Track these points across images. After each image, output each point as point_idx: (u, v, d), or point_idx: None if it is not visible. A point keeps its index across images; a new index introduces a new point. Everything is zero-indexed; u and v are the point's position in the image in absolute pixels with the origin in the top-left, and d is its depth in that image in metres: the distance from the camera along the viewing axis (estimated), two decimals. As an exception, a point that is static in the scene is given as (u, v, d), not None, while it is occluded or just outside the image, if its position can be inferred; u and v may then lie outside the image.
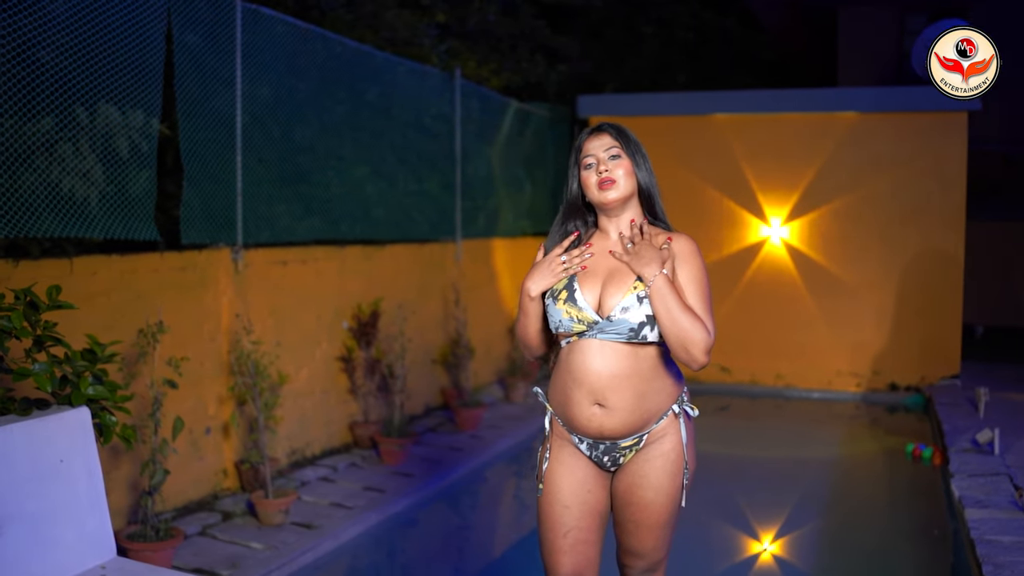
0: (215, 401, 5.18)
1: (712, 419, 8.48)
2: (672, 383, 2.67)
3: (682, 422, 2.67)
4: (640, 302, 2.56)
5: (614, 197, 2.66)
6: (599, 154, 2.69)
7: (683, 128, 9.26)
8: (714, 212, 9.15)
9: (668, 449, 2.65)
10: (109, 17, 4.48)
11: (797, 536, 5.32)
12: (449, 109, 7.91)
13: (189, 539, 4.62)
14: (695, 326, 2.49)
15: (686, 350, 2.50)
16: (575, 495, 2.72)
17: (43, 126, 4.42)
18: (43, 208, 4.16)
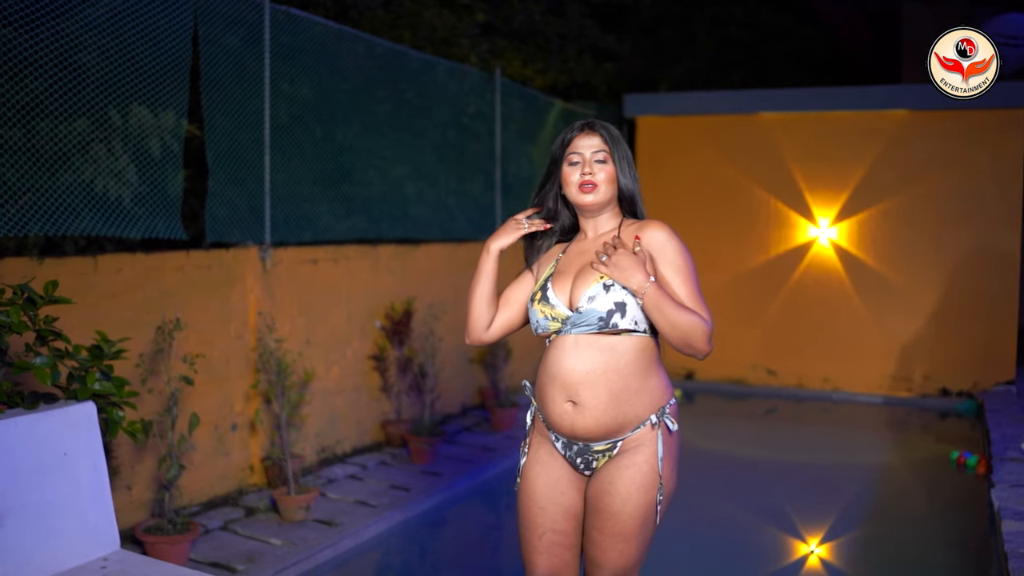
0: (241, 398, 5.24)
1: (758, 422, 8.37)
2: (654, 389, 2.60)
3: (660, 436, 2.58)
4: (606, 290, 2.52)
5: (591, 201, 2.64)
6: (586, 154, 2.65)
7: (730, 127, 9.13)
8: (761, 212, 9.00)
9: (641, 461, 2.57)
10: (138, 20, 4.57)
11: (836, 545, 5.19)
12: (489, 108, 7.90)
13: (210, 533, 4.68)
14: (692, 322, 2.46)
15: (689, 346, 2.49)
16: (549, 496, 2.69)
17: (78, 127, 4.52)
18: (74, 207, 4.26)
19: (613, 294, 2.52)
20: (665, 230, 2.59)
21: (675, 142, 9.39)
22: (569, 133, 2.71)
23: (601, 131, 2.69)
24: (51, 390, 3.45)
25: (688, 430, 7.83)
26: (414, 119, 6.97)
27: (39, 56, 4.13)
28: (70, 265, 4.28)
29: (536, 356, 8.56)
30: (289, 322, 5.54)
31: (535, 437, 2.78)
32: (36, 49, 4.12)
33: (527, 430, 2.83)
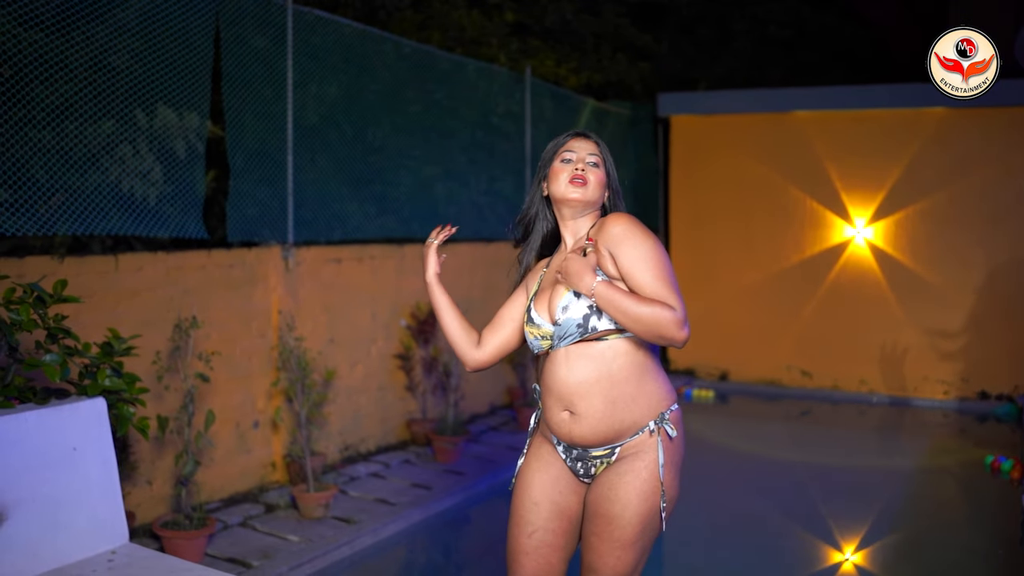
0: (264, 396, 5.30)
1: (792, 425, 8.28)
2: (652, 394, 2.56)
3: (660, 442, 2.55)
4: (578, 296, 2.51)
5: (577, 197, 2.59)
6: (581, 154, 2.63)
7: (765, 126, 9.04)
8: (797, 212, 8.90)
9: (640, 467, 2.54)
10: (163, 22, 4.65)
11: (867, 551, 5.08)
12: (519, 108, 7.90)
13: (229, 529, 4.74)
14: (654, 313, 2.36)
15: (660, 337, 2.40)
16: (545, 493, 2.67)
17: (104, 128, 4.61)
18: (100, 207, 4.34)
19: (584, 299, 2.50)
20: (622, 221, 2.51)
21: (709, 141, 9.32)
22: (563, 137, 2.69)
23: (593, 139, 2.69)
24: (64, 386, 3.52)
25: (721, 431, 7.88)
26: (443, 119, 7.00)
27: (68, 59, 4.22)
28: (91, 264, 4.35)
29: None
30: (312, 321, 5.59)
31: (537, 438, 2.78)
32: (67, 52, 4.21)
33: (530, 432, 2.83)
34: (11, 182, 4.04)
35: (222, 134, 5.11)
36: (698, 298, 9.35)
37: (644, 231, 2.50)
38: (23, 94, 4.05)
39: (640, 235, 2.48)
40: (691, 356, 9.40)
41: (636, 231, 2.49)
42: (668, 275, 2.44)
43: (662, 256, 2.46)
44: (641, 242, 2.46)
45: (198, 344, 4.80)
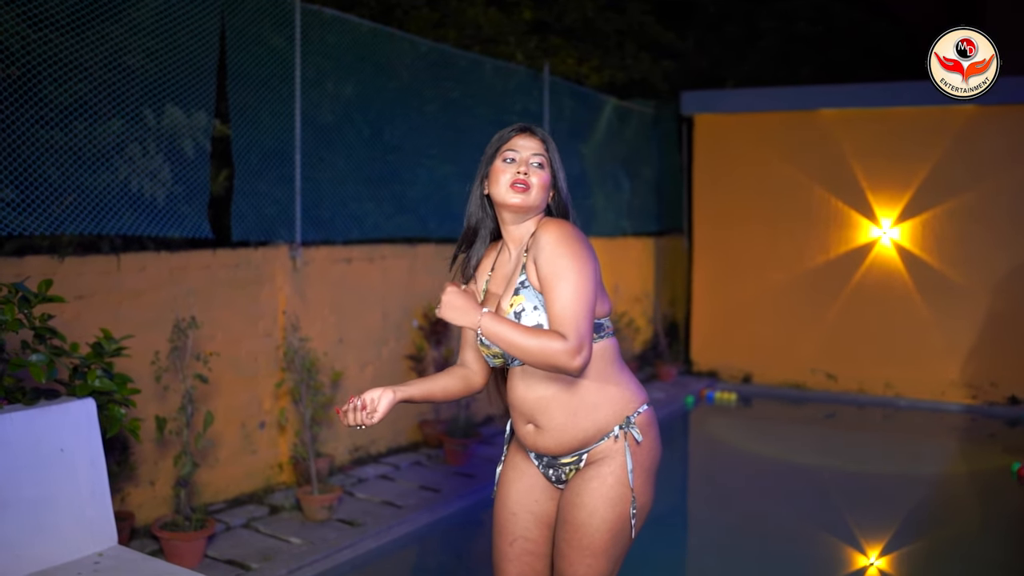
0: (270, 396, 5.27)
1: (816, 428, 8.13)
2: (616, 398, 2.48)
3: (627, 447, 2.47)
4: (517, 318, 2.42)
5: (518, 203, 2.45)
6: (524, 155, 2.48)
7: (790, 124, 8.89)
8: (821, 212, 8.74)
9: (607, 473, 2.46)
10: (169, 19, 4.63)
11: (889, 559, 4.97)
12: (537, 107, 7.83)
13: (232, 530, 4.71)
14: (541, 346, 2.27)
15: (553, 367, 2.31)
16: (521, 503, 2.63)
17: (112, 127, 4.60)
18: (105, 206, 4.33)
19: (525, 319, 2.41)
20: (552, 230, 2.36)
21: (733, 140, 9.19)
22: (507, 133, 2.53)
23: (540, 135, 2.53)
24: (54, 387, 3.50)
25: (743, 435, 7.77)
26: (459, 118, 6.95)
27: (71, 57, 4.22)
28: (93, 264, 4.34)
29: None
30: (320, 321, 5.55)
31: (512, 446, 2.73)
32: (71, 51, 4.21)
33: (505, 440, 2.78)
34: (16, 182, 4.03)
35: (228, 133, 5.08)
36: (721, 299, 9.23)
37: (571, 246, 2.34)
38: (30, 94, 4.03)
39: (565, 250, 2.33)
40: (714, 358, 9.28)
41: (562, 245, 2.33)
42: (578, 297, 2.30)
43: (580, 275, 2.31)
44: (562, 258, 2.32)
45: (202, 344, 4.78)
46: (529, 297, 2.41)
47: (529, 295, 2.41)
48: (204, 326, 4.83)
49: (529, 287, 2.42)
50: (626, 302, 9.14)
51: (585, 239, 2.41)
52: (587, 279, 2.33)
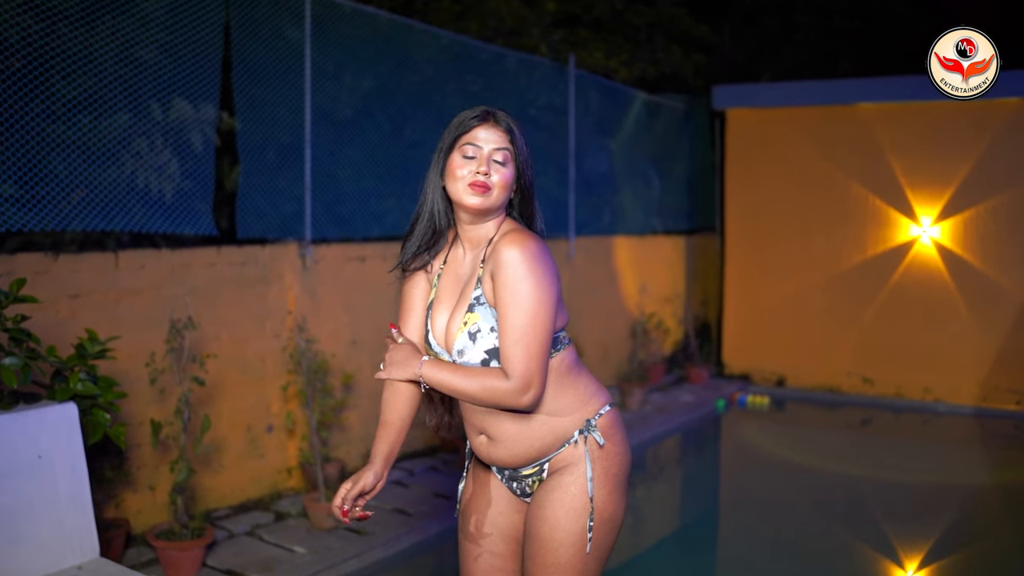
0: (278, 399, 5.09)
1: (852, 434, 7.84)
2: (574, 403, 2.28)
3: (587, 452, 2.27)
4: (473, 339, 2.21)
5: (476, 205, 2.21)
6: (485, 149, 2.21)
7: (825, 119, 8.59)
8: (858, 210, 8.43)
9: (568, 482, 2.26)
10: (172, 11, 4.48)
11: (930, 573, 4.72)
12: (562, 101, 7.60)
13: (235, 538, 4.54)
14: (484, 386, 2.14)
15: (500, 405, 2.17)
16: (485, 517, 2.45)
17: (119, 121, 4.45)
18: (102, 202, 4.19)
19: (481, 342, 2.21)
20: (512, 250, 2.13)
21: (767, 135, 8.90)
22: (468, 120, 2.24)
23: (505, 124, 2.24)
24: (36, 390, 3.34)
25: (776, 440, 7.49)
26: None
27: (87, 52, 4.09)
28: (89, 261, 4.19)
29: (617, 358, 8.23)
30: (332, 321, 5.37)
31: (474, 459, 2.54)
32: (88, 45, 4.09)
33: (467, 452, 2.58)
34: (16, 176, 3.90)
35: (234, 126, 4.91)
36: (754, 300, 8.96)
37: (531, 267, 2.12)
38: (29, 88, 3.89)
39: (523, 273, 2.11)
40: (746, 361, 9.00)
41: (520, 268, 2.12)
42: (533, 329, 2.11)
43: (539, 305, 2.11)
44: (521, 282, 2.11)
45: (206, 345, 4.62)
46: (485, 316, 2.21)
47: (485, 314, 2.21)
48: (208, 326, 4.67)
49: (485, 304, 2.22)
50: (655, 302, 8.89)
51: (547, 256, 2.18)
52: (545, 308, 2.13)
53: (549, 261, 2.18)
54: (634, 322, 8.36)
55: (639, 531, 5.67)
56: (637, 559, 5.05)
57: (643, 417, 7.49)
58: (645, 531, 5.60)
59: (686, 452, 7.45)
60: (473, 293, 2.24)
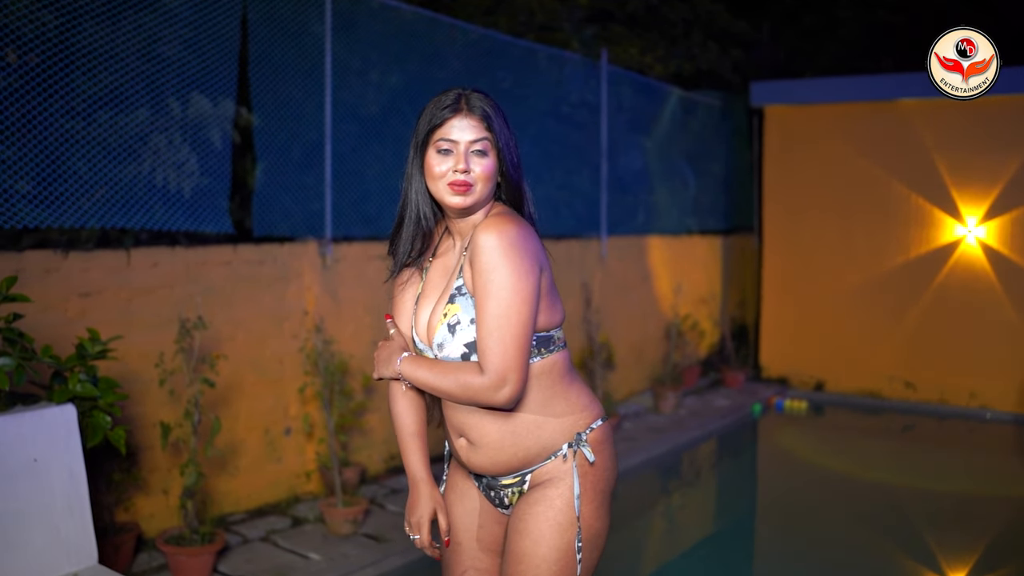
0: (297, 401, 4.98)
1: (893, 441, 7.57)
2: (564, 414, 2.12)
3: (575, 468, 2.11)
4: (452, 331, 2.07)
5: (459, 204, 2.07)
6: (461, 143, 2.05)
7: (867, 116, 8.34)
8: (900, 209, 8.16)
9: (553, 496, 2.11)
10: (194, 5, 4.39)
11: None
12: (595, 97, 7.43)
13: (249, 544, 4.43)
14: (459, 382, 2.02)
15: (476, 403, 2.05)
16: (467, 529, 2.30)
17: (138, 117, 4.37)
18: (115, 199, 4.10)
19: (460, 335, 2.07)
20: (487, 236, 1.98)
21: (806, 133, 8.66)
22: (438, 110, 2.06)
23: (480, 111, 2.06)
24: (35, 391, 3.24)
25: (814, 447, 7.24)
26: (512, 109, 6.59)
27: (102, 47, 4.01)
28: (99, 259, 4.09)
29: (651, 359, 8.05)
30: (354, 322, 5.25)
31: (452, 465, 2.39)
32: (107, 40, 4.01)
33: (446, 458, 2.43)
34: (32, 173, 3.83)
35: (251, 122, 4.80)
36: (793, 301, 8.72)
37: (507, 253, 1.97)
38: (39, 83, 3.81)
39: (497, 260, 1.96)
40: (784, 364, 8.76)
41: (495, 254, 1.97)
42: (508, 321, 1.96)
43: (514, 293, 1.96)
44: (496, 270, 1.96)
45: (221, 345, 4.52)
46: (466, 307, 2.07)
47: (466, 305, 2.07)
48: (223, 326, 4.56)
49: (466, 294, 2.07)
50: (690, 304, 8.68)
51: (529, 242, 2.02)
52: (522, 297, 1.97)
53: (530, 247, 2.02)
54: (668, 324, 8.16)
55: (672, 538, 5.49)
56: (668, 567, 4.89)
57: (677, 421, 7.30)
58: (678, 538, 5.43)
59: (721, 458, 7.25)
60: (455, 283, 2.10)
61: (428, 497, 2.21)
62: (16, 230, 3.99)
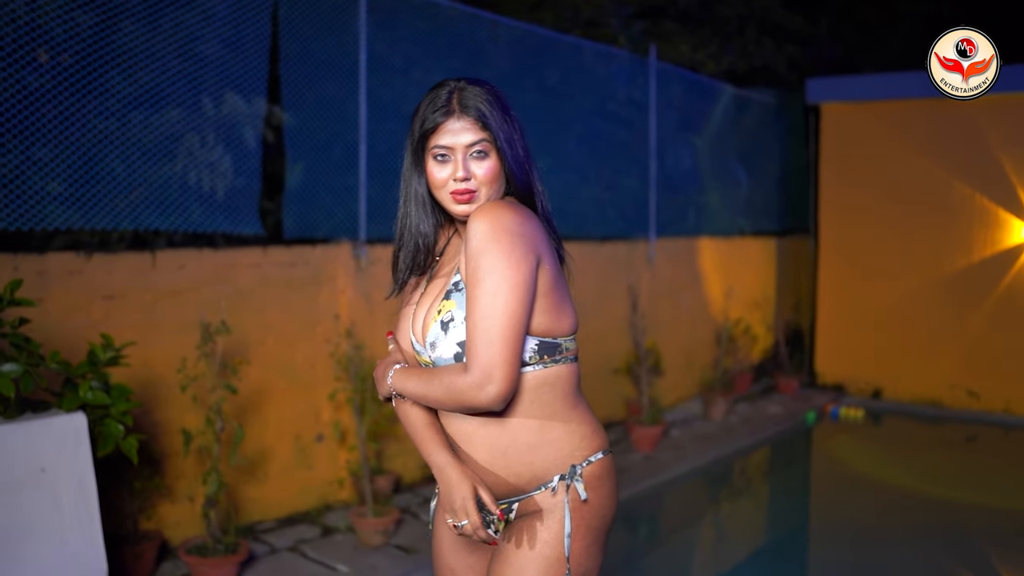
0: (329, 407, 4.85)
1: (955, 453, 7.24)
2: (562, 442, 1.94)
3: (567, 503, 1.92)
4: (445, 329, 1.89)
5: (467, 211, 1.92)
6: (458, 148, 1.89)
7: (928, 113, 8.00)
8: (963, 210, 7.82)
9: (540, 529, 1.92)
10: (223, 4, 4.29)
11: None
12: (643, 95, 7.22)
13: (276, 553, 4.30)
14: (444, 385, 1.85)
15: (467, 409, 1.87)
16: (457, 555, 2.13)
17: (168, 117, 4.28)
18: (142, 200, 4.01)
19: (453, 332, 1.89)
20: (478, 221, 1.82)
21: (865, 131, 8.35)
22: (430, 113, 1.89)
23: (474, 110, 1.88)
24: (47, 398, 3.14)
25: (870, 458, 6.95)
26: (558, 107, 6.43)
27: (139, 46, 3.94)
28: (123, 261, 4.00)
29: (701, 364, 7.82)
30: (388, 326, 5.09)
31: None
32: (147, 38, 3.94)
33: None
34: (66, 175, 3.76)
35: (282, 120, 4.69)
36: (849, 305, 8.42)
37: (496, 238, 1.80)
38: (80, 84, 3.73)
39: (485, 245, 1.79)
40: (840, 370, 8.46)
41: (483, 239, 1.80)
42: (495, 311, 1.78)
43: (498, 279, 1.78)
44: (484, 255, 1.79)
45: (250, 350, 4.40)
46: (460, 303, 1.90)
47: (461, 301, 1.90)
48: (253, 330, 4.46)
49: (463, 290, 1.90)
50: (742, 307, 8.42)
51: (525, 225, 1.84)
52: (511, 286, 1.78)
53: (527, 233, 1.83)
54: (719, 328, 7.91)
55: (718, 552, 5.27)
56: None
57: (727, 429, 7.06)
58: (724, 553, 5.21)
59: (773, 468, 6.99)
60: (452, 279, 1.94)
61: (461, 475, 1.93)
62: (48, 232, 3.91)
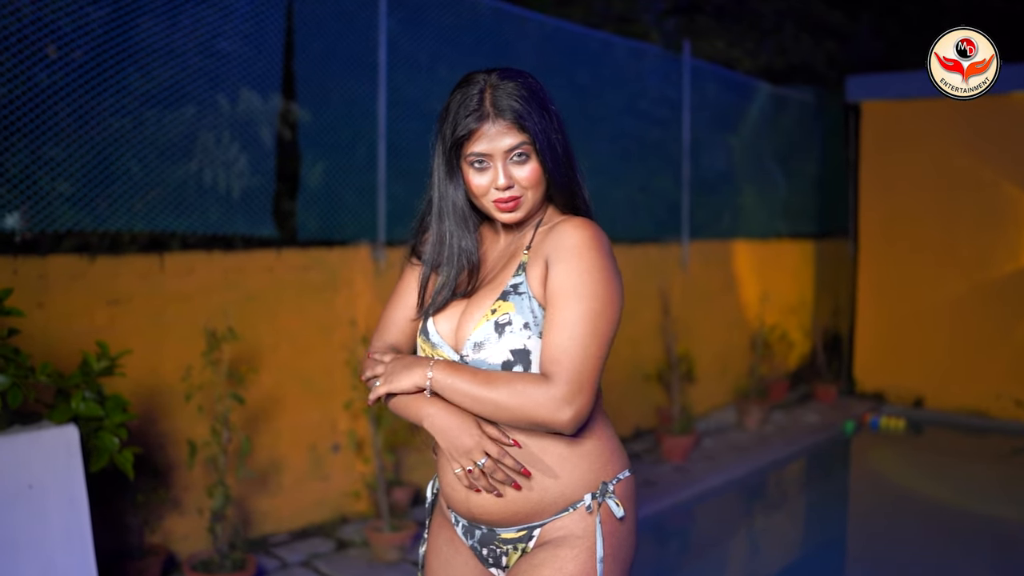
0: (346, 416, 4.68)
1: (1002, 466, 6.94)
2: (592, 457, 1.75)
3: (599, 524, 1.72)
4: (499, 331, 1.70)
5: (513, 219, 1.79)
6: (497, 154, 1.72)
7: (973, 111, 7.69)
8: (1011, 213, 7.52)
9: (567, 558, 1.71)
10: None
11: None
12: (676, 93, 6.99)
13: (287, 568, 4.14)
14: (515, 392, 1.63)
15: (534, 424, 1.66)
16: None
17: (185, 114, 4.14)
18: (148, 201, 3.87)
19: (509, 337, 1.70)
20: (578, 234, 1.69)
21: (907, 130, 8.07)
22: (462, 118, 1.71)
23: (509, 111, 1.70)
24: (39, 410, 2.99)
25: (911, 470, 6.67)
26: (588, 105, 6.23)
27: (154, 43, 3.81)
28: (129, 264, 3.85)
29: (736, 372, 7.57)
30: (408, 331, 4.93)
31: (437, 518, 1.99)
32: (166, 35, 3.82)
33: (428, 506, 2.03)
34: (79, 175, 3.63)
35: (296, 118, 4.53)
36: (890, 311, 8.14)
37: (607, 261, 1.70)
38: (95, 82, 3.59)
39: (593, 264, 1.67)
40: (880, 378, 8.18)
41: (588, 254, 1.68)
42: (593, 331, 1.65)
43: (604, 303, 1.66)
44: (587, 273, 1.67)
45: (262, 357, 4.25)
46: (521, 308, 1.71)
47: (522, 306, 1.71)
48: (266, 336, 4.30)
49: (525, 295, 1.72)
50: (778, 313, 8.16)
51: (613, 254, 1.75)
52: (613, 308, 1.69)
53: (614, 259, 1.76)
54: (754, 334, 7.66)
55: (754, 569, 5.05)
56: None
57: (762, 438, 6.82)
58: (760, 570, 4.98)
59: (809, 479, 6.74)
60: (511, 280, 1.75)
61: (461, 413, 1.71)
62: (59, 233, 3.78)
